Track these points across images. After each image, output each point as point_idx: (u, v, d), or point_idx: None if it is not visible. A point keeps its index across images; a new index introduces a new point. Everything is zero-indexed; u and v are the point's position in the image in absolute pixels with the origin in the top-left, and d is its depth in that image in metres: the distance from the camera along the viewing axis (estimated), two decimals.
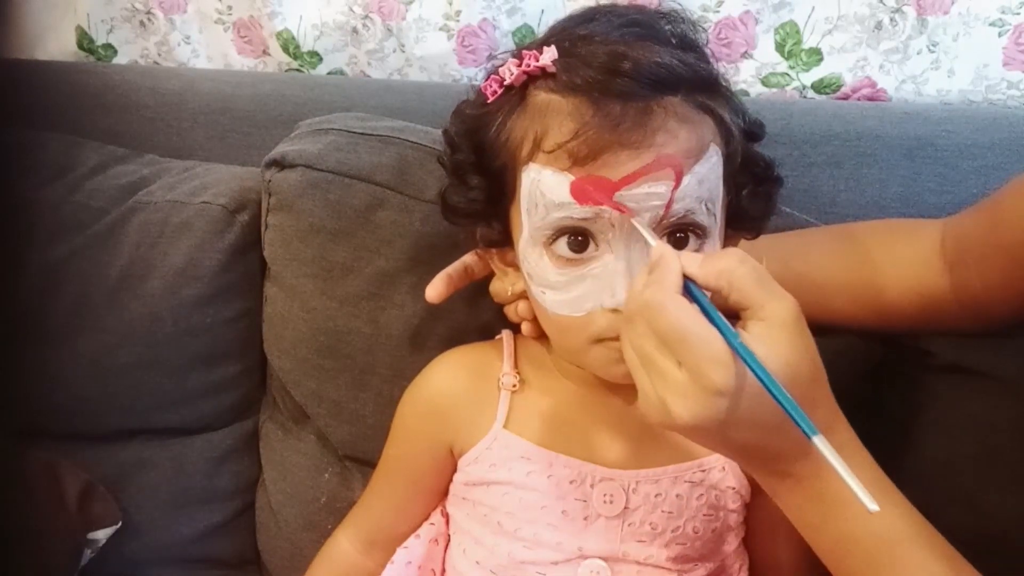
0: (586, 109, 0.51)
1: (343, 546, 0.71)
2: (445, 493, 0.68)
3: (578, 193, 0.51)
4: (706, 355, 0.43)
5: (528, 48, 0.55)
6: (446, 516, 0.69)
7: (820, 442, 0.41)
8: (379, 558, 0.69)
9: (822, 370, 0.47)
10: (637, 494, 0.61)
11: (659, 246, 0.49)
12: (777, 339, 0.44)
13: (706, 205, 0.53)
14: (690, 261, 0.47)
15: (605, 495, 0.61)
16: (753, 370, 0.43)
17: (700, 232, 0.54)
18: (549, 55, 0.54)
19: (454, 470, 0.66)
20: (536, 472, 0.62)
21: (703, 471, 0.62)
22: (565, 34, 0.56)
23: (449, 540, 0.68)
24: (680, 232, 0.53)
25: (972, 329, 0.66)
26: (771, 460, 0.48)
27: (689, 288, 0.46)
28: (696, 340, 0.43)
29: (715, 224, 0.54)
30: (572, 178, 0.51)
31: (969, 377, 0.67)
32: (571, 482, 0.61)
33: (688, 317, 0.44)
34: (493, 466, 0.63)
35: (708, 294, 0.47)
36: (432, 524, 0.69)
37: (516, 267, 0.61)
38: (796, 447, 0.45)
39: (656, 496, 0.61)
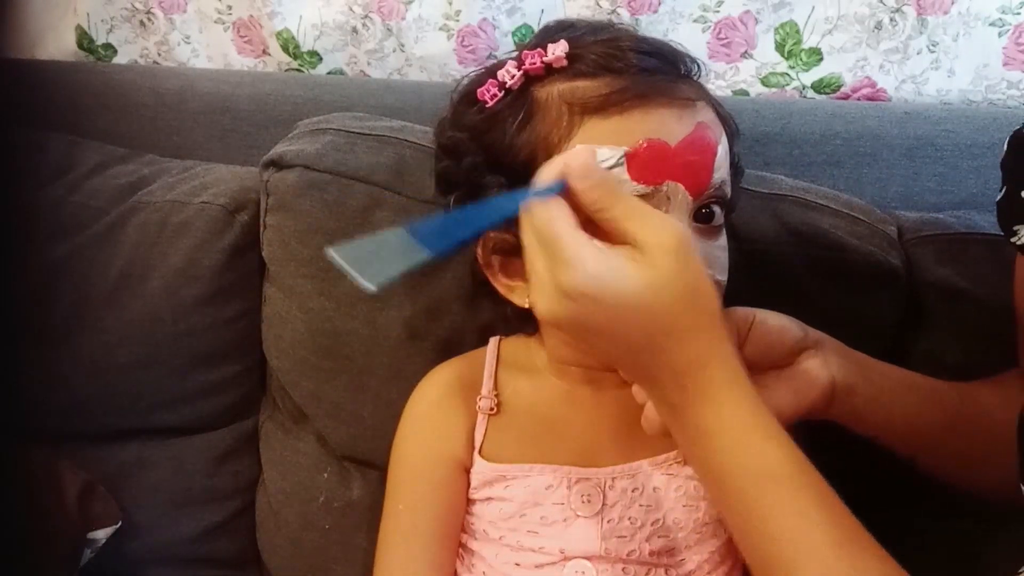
0: (614, 79, 0.53)
1: None
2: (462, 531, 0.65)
3: (635, 166, 0.51)
4: (559, 256, 0.44)
5: (527, 50, 0.55)
6: None
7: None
8: None
9: (712, 301, 0.47)
10: (613, 490, 0.61)
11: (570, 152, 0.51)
12: (651, 261, 0.44)
13: (730, 176, 0.56)
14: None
15: (583, 495, 0.61)
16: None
17: (723, 205, 0.56)
18: (560, 48, 0.54)
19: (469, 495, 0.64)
20: (513, 485, 0.62)
21: (679, 462, 0.61)
22: (555, 36, 0.56)
23: None
24: (705, 208, 0.55)
25: None
26: (653, 384, 0.48)
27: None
28: (555, 241, 0.45)
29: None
30: (626, 149, 0.51)
31: None
32: (548, 488, 0.61)
33: (557, 219, 0.45)
34: (472, 488, 0.63)
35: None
36: None
37: (524, 278, 0.60)
38: (671, 375, 0.45)
39: (633, 491, 0.61)
